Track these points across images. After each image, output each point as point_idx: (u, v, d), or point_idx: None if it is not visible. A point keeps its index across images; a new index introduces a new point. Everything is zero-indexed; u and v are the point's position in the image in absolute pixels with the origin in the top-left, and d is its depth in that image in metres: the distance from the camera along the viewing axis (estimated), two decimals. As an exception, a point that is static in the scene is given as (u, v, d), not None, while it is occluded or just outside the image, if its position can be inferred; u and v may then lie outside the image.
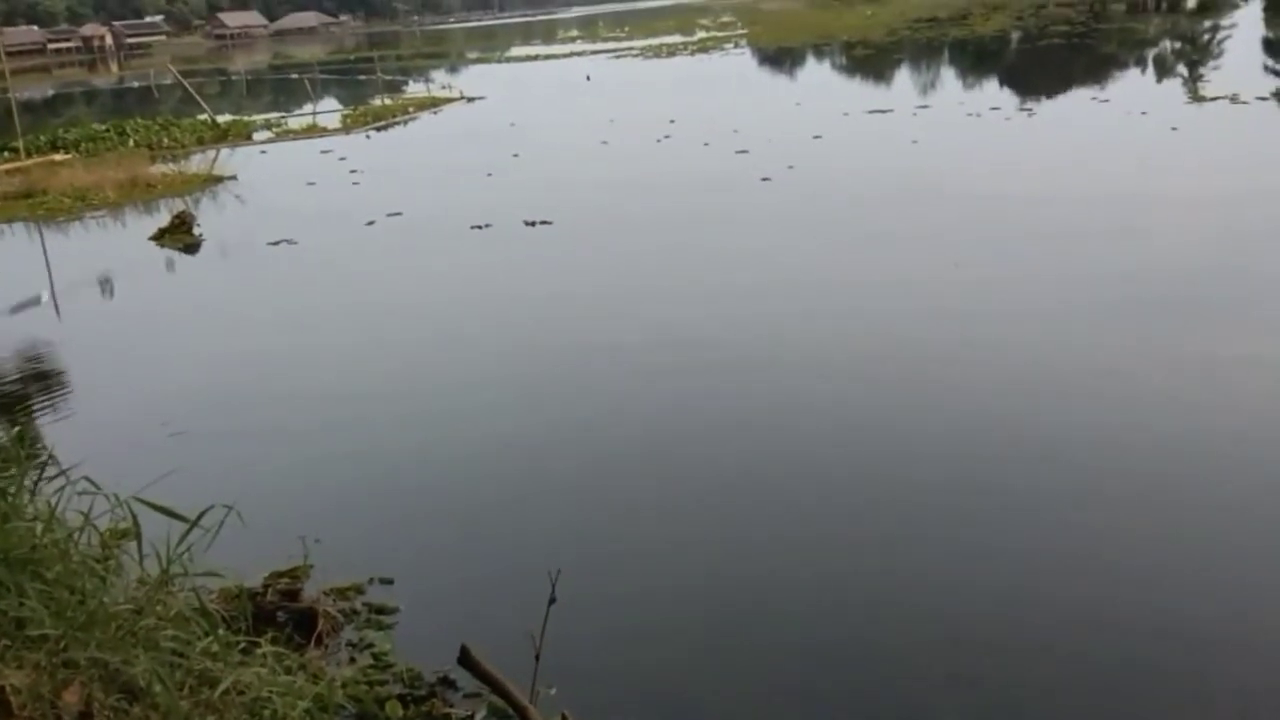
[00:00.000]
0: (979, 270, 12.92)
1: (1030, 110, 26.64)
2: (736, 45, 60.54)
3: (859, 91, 35.57)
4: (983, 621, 6.05)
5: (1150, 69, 35.43)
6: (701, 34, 73.25)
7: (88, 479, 4.92)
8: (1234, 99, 24.17)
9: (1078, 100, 28.16)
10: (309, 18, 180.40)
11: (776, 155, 21.83)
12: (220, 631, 4.74)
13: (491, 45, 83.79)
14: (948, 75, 38.74)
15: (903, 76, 39.05)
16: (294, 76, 59.04)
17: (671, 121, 28.59)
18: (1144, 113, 23.78)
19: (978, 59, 43.52)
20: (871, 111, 28.20)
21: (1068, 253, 13.31)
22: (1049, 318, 10.97)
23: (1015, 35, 50.07)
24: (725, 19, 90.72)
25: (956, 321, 11.11)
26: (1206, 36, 43.01)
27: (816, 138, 24.52)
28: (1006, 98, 29.76)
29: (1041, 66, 39.26)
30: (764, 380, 9.94)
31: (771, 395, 9.59)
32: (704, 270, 14.08)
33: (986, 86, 33.75)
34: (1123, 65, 37.11)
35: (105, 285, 15.03)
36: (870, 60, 45.70)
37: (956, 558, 6.68)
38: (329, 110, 40.43)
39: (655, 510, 7.67)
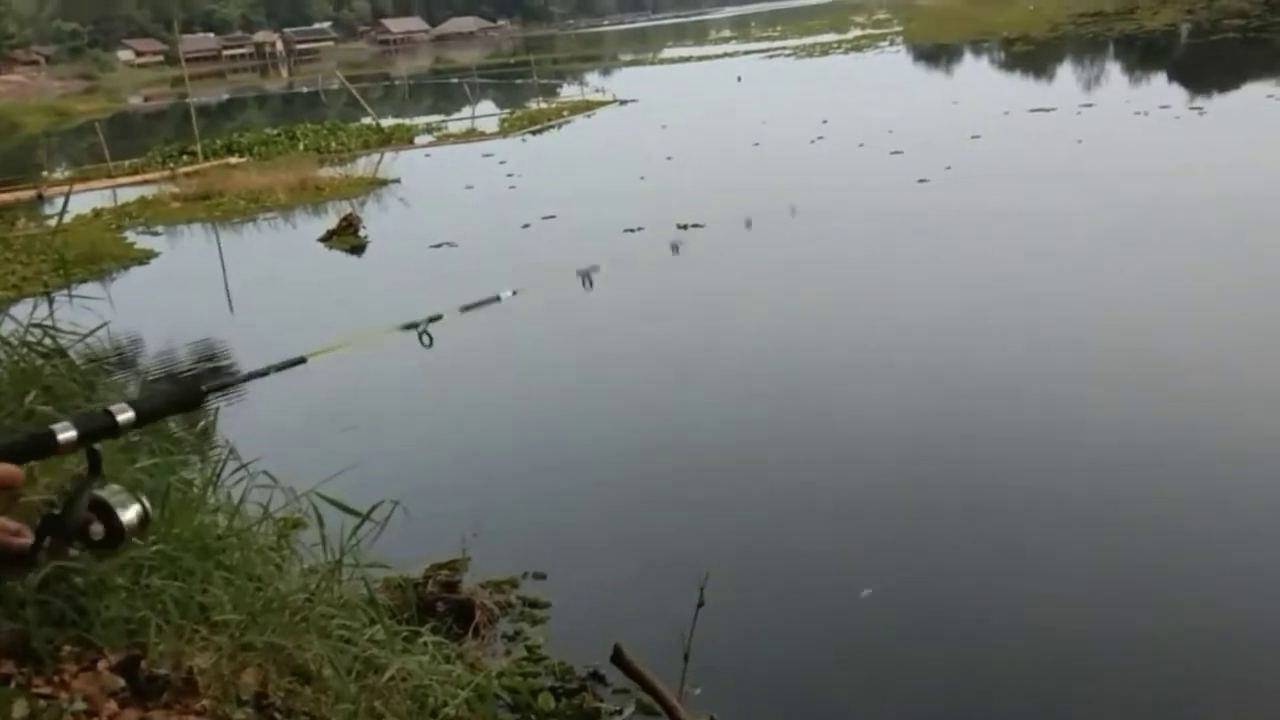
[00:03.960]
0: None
1: (1201, 109, 25.53)
2: (892, 43, 59.61)
3: (1020, 89, 34.64)
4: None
5: (1334, 64, 33.61)
6: (856, 32, 72.34)
7: (266, 473, 5.21)
8: None
9: (1252, 97, 26.86)
10: (468, 23, 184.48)
11: (933, 156, 21.45)
12: (386, 620, 4.97)
13: (644, 47, 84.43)
14: (1113, 71, 37.38)
15: (1066, 73, 37.85)
16: (454, 81, 60.43)
17: (824, 122, 28.35)
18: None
19: (1145, 54, 41.86)
20: (1033, 110, 27.42)
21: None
22: None
23: (1185, 29, 47.97)
24: (880, 16, 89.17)
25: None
26: (1398, 27, 40.51)
27: (975, 137, 23.98)
28: (1176, 94, 28.56)
29: (1213, 62, 37.48)
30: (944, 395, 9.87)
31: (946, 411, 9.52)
32: (859, 271, 14.03)
33: (1155, 83, 32.47)
34: (1303, 60, 35.24)
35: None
36: (1031, 57, 44.44)
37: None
38: (487, 114, 41.35)
39: (821, 520, 7.67)
